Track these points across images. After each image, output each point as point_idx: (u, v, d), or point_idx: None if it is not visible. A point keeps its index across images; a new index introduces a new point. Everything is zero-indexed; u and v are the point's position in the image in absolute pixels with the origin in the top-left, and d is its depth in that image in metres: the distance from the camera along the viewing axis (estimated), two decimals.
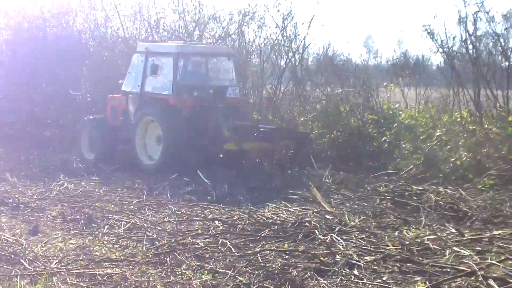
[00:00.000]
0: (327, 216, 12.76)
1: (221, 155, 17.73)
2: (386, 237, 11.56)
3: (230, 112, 18.42)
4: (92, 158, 19.64)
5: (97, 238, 11.37)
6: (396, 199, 14.36)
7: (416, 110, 20.40)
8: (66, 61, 23.71)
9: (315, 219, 12.33)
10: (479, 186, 15.24)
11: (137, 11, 24.43)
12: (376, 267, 9.67)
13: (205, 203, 14.38)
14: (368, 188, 15.74)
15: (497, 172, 15.38)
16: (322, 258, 9.91)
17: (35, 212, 13.44)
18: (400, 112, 20.07)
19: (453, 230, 12.01)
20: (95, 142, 19.77)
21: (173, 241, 10.94)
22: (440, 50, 18.42)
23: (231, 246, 10.60)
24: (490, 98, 17.54)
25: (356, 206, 14.13)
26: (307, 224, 12.03)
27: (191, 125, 17.94)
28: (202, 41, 23.28)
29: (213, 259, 10.07)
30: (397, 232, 12.04)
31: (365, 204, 14.24)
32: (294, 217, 12.55)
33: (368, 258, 10.07)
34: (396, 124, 19.00)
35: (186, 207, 14.06)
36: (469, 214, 13.14)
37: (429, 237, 11.45)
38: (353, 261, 9.71)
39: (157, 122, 18.19)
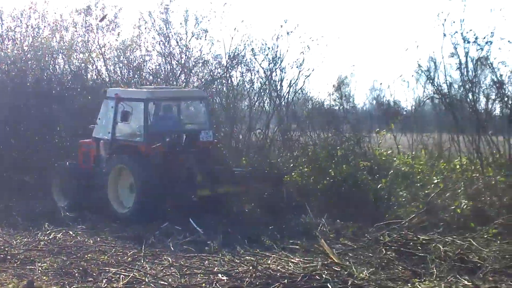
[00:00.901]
0: (334, 268, 12.14)
1: (194, 199, 17.57)
2: None
3: (203, 156, 18.09)
4: (64, 205, 18.94)
5: None
6: (402, 249, 13.80)
7: (410, 157, 19.91)
8: (46, 104, 23.04)
9: (325, 272, 11.66)
10: (485, 236, 14.74)
11: (121, 54, 23.74)
12: None
13: (203, 254, 13.73)
14: (369, 237, 15.18)
15: (502, 221, 14.88)
16: None
17: (25, 265, 12.76)
18: (394, 159, 19.59)
19: (467, 283, 11.48)
20: (67, 188, 19.22)
21: None
22: (436, 95, 17.97)
23: None
24: (490, 145, 17.08)
25: (361, 257, 13.54)
26: (317, 277, 11.41)
27: (164, 172, 17.49)
28: (189, 85, 22.79)
29: None
30: (409, 284, 11.49)
31: (370, 254, 13.66)
32: (302, 270, 11.93)
33: None
34: (391, 171, 18.49)
35: (184, 258, 13.41)
36: (479, 265, 12.62)
37: None
38: None
39: (129, 170, 17.76)
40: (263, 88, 22.65)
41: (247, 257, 13.61)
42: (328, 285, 10.98)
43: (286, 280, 11.25)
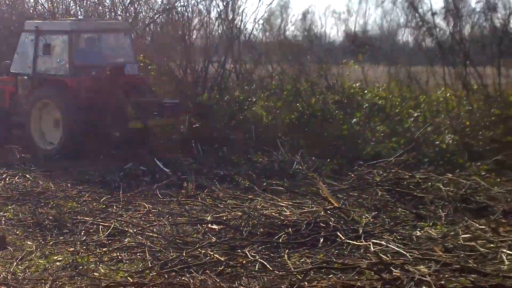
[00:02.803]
0: (338, 214, 10.99)
1: (118, 134, 16.72)
2: (414, 237, 9.93)
3: (129, 89, 17.00)
4: None
5: (84, 251, 9.29)
6: (397, 189, 12.75)
7: (381, 89, 18.79)
8: None
9: (332, 219, 10.48)
10: (477, 173, 13.77)
11: None
12: (443, 282, 7.95)
13: (182, 198, 12.43)
14: (353, 176, 14.11)
15: (501, 157, 13.93)
16: (382, 276, 8.03)
17: None
18: (365, 92, 18.46)
19: (484, 226, 10.47)
20: None
21: (184, 254, 8.91)
22: (420, 23, 16.78)
23: (256, 259, 8.70)
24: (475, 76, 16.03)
25: (356, 199, 12.41)
26: (322, 224, 10.24)
27: (91, 106, 16.45)
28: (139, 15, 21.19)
29: (242, 277, 8.18)
30: (419, 229, 10.46)
31: (364, 196, 12.53)
32: (301, 216, 10.75)
33: (424, 269, 8.36)
34: (366, 105, 17.36)
35: (162, 204, 12.09)
36: (484, 205, 11.67)
37: (463, 236, 9.88)
38: (418, 277, 7.92)
39: (54, 104, 16.74)
40: (220, 17, 21.04)
41: (229, 201, 12.39)
42: (338, 233, 9.81)
43: (290, 229, 10.03)
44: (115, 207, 11.90)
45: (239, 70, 21.09)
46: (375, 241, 9.55)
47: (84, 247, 9.50)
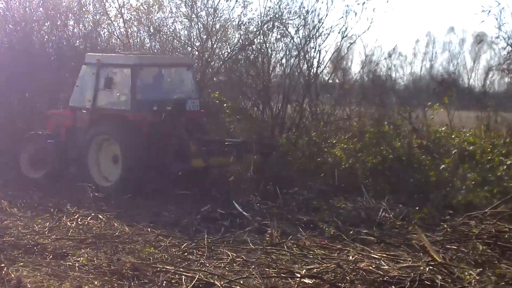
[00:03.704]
0: (441, 270, 10.00)
1: (180, 173, 16.20)
2: None
3: (191, 126, 16.66)
4: (39, 177, 17.17)
5: None
6: (498, 243, 11.71)
7: (468, 134, 17.74)
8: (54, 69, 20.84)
9: (438, 276, 9.51)
10: None
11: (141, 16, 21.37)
12: None
13: (267, 247, 11.59)
14: (445, 226, 13.13)
15: None
16: None
17: (58, 259, 10.53)
18: (453, 136, 17.45)
19: None
20: (40, 160, 17.43)
21: None
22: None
23: None
24: None
25: (455, 252, 11.40)
26: (427, 282, 9.28)
27: (152, 142, 16.08)
28: (215, 50, 20.58)
29: None
30: None
31: (463, 249, 11.52)
32: (402, 271, 9.80)
33: None
34: (455, 150, 16.34)
35: (246, 252, 11.26)
36: None
37: None
38: None
39: (114, 140, 16.32)
40: (299, 56, 20.27)
41: (317, 251, 11.51)
42: None
43: (393, 287, 9.09)
44: (195, 254, 11.11)
45: (316, 111, 20.29)
46: None
47: None
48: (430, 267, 9.89)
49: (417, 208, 14.49)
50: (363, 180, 16.47)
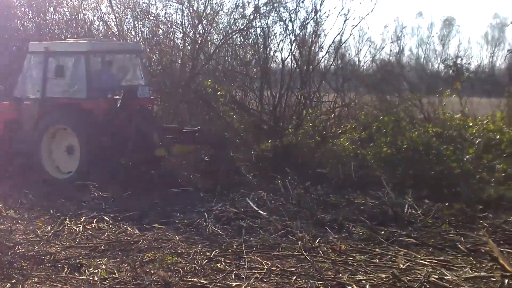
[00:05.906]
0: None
1: (131, 163, 15.47)
2: None
3: (144, 114, 16.26)
4: None
5: None
6: None
7: (485, 122, 16.73)
8: None
9: None
10: None
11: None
12: None
13: (296, 252, 10.43)
14: (485, 224, 12.07)
15: None
16: None
17: (73, 271, 9.29)
18: (470, 124, 16.42)
19: None
20: None
21: None
22: None
23: None
24: None
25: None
26: None
27: (109, 131, 15.59)
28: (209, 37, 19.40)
29: None
30: None
31: None
32: (467, 282, 8.71)
33: None
34: (479, 140, 15.30)
35: (279, 260, 10.09)
36: None
37: None
38: None
39: (71, 130, 15.74)
40: (296, 40, 19.09)
41: (355, 256, 10.39)
42: None
43: None
44: (224, 263, 9.90)
45: (317, 99, 19.18)
46: None
47: None
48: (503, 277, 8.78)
49: (447, 204, 13.37)
50: (379, 172, 15.37)
